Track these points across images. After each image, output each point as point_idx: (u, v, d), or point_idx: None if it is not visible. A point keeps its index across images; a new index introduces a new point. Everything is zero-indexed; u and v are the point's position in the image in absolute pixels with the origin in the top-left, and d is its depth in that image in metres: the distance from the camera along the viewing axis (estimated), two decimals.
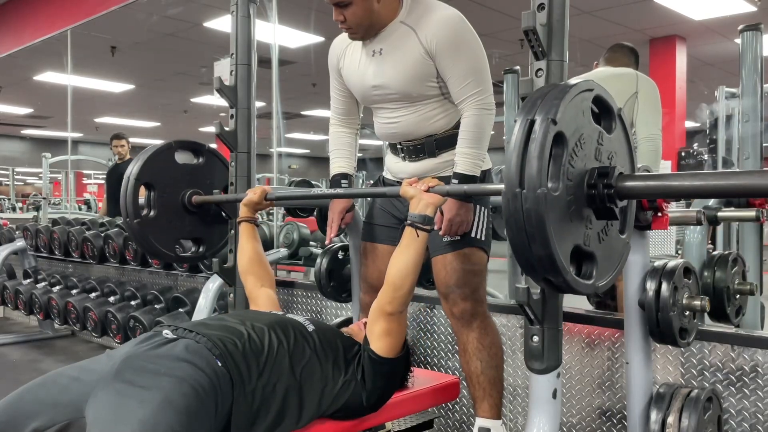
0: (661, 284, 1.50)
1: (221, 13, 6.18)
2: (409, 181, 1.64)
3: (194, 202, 2.27)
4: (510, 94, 3.96)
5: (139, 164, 2.20)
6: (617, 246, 1.26)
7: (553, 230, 1.06)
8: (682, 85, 7.74)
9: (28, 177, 21.98)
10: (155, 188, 2.22)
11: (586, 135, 1.16)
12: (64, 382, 1.34)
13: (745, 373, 1.84)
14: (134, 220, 2.18)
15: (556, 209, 1.06)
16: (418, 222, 1.57)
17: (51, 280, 4.20)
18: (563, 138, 1.09)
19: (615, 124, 1.25)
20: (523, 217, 1.05)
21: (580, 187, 1.14)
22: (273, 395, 1.41)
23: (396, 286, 1.57)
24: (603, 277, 1.20)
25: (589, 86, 1.18)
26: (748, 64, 2.82)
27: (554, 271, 1.09)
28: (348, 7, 1.80)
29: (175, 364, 1.32)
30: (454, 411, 2.45)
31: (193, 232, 2.35)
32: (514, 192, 1.06)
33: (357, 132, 2.14)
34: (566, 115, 1.09)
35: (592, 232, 1.18)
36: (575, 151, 1.12)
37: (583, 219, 1.16)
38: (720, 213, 2.35)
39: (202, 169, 2.36)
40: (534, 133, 1.06)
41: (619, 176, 1.16)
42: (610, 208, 1.16)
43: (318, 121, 12.44)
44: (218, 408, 1.31)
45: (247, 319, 1.55)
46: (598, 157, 1.19)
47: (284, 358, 1.46)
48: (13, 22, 7.08)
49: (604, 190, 1.15)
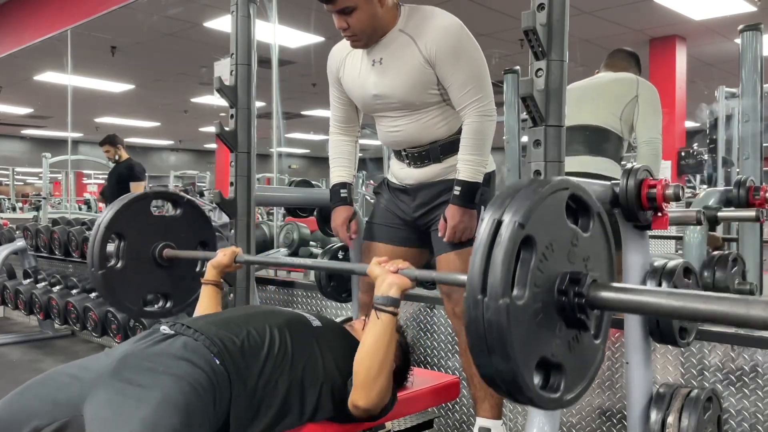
0: (661, 284, 1.50)
1: (221, 13, 6.18)
2: (379, 260, 1.54)
3: (165, 256, 2.17)
4: (510, 94, 3.96)
5: (111, 213, 2.11)
6: (590, 354, 1.13)
7: (516, 343, 0.96)
8: (682, 85, 7.74)
9: (28, 177, 21.98)
10: (125, 238, 2.13)
11: (559, 237, 1.07)
12: (63, 380, 1.34)
13: (745, 373, 1.84)
14: (99, 270, 2.08)
15: (520, 320, 0.98)
16: (380, 303, 1.45)
17: (51, 280, 4.20)
18: (532, 241, 1.00)
19: (593, 222, 1.14)
20: (484, 327, 0.97)
21: (549, 292, 1.04)
22: (274, 392, 1.41)
23: (356, 372, 1.47)
24: (572, 390, 1.08)
25: (564, 184, 1.08)
26: (748, 64, 2.82)
27: (516, 388, 1.00)
28: (352, 13, 1.79)
29: (174, 363, 1.32)
30: (454, 411, 2.45)
31: (161, 287, 2.22)
32: (476, 299, 0.97)
33: (357, 139, 2.14)
34: (537, 216, 1.00)
35: (561, 341, 1.07)
36: (545, 255, 1.03)
37: (552, 327, 1.05)
38: (720, 213, 2.35)
39: (178, 221, 2.26)
40: (500, 236, 0.98)
41: (592, 284, 1.05)
42: (581, 318, 1.06)
43: (318, 121, 12.44)
44: (216, 405, 1.31)
45: (249, 316, 1.55)
46: (572, 260, 1.09)
47: (286, 355, 1.46)
48: (13, 22, 7.08)
49: (575, 299, 1.04)
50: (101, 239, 2.08)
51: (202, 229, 2.32)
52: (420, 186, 1.99)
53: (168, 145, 18.31)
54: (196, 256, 2.21)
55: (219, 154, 12.46)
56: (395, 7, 1.87)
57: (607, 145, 2.55)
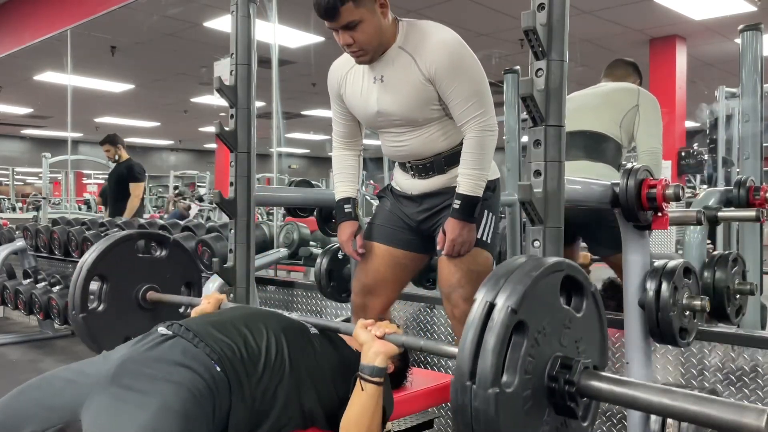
0: (661, 284, 1.50)
1: (221, 13, 6.18)
2: (365, 323, 1.49)
3: (148, 299, 2.13)
4: (510, 94, 3.95)
5: (94, 255, 2.06)
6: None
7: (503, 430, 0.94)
8: (682, 85, 7.74)
9: (28, 177, 21.98)
10: (108, 281, 2.09)
11: (552, 319, 1.04)
12: (59, 384, 1.33)
13: (745, 373, 1.84)
14: (80, 314, 2.03)
15: (509, 408, 0.95)
16: (365, 374, 1.41)
17: (51, 280, 4.20)
18: (524, 327, 0.98)
19: (586, 302, 1.12)
20: (471, 415, 0.94)
21: (539, 378, 1.02)
22: (273, 400, 1.39)
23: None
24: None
25: (559, 266, 1.06)
26: (748, 64, 2.82)
27: None
28: (357, 27, 1.76)
29: (173, 369, 1.30)
30: None
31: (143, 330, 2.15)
32: (464, 385, 0.94)
33: (360, 153, 2.14)
34: (530, 300, 0.99)
35: (549, 428, 1.05)
36: (537, 340, 1.01)
37: (540, 414, 1.03)
38: (720, 213, 2.35)
39: (164, 262, 2.22)
40: (492, 321, 0.96)
41: (583, 372, 1.02)
42: (570, 406, 1.03)
43: (318, 121, 12.44)
44: (216, 413, 1.30)
45: (247, 321, 1.52)
46: (564, 343, 1.06)
47: (283, 363, 1.44)
48: (13, 22, 7.08)
49: (565, 386, 1.02)
50: (83, 282, 2.02)
51: (188, 270, 2.28)
52: (425, 195, 2.00)
53: (168, 145, 18.32)
54: (180, 301, 2.15)
55: (219, 154, 12.45)
56: (395, 23, 1.86)
57: (606, 151, 2.56)
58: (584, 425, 1.10)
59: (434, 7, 5.91)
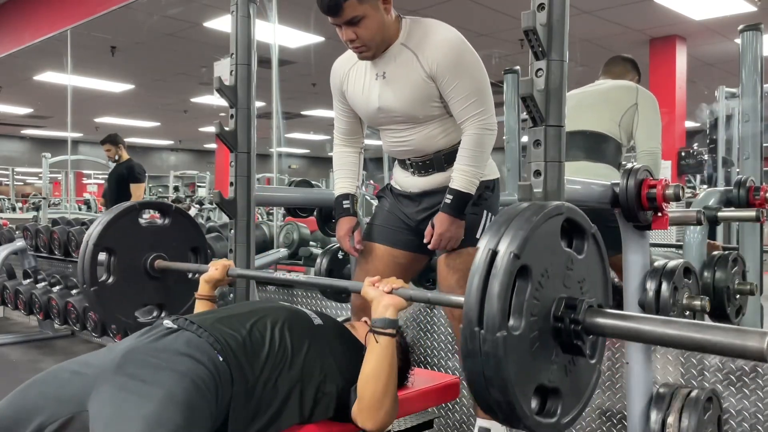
0: (661, 284, 1.50)
1: (221, 13, 6.18)
2: (372, 280, 1.51)
3: (157, 267, 2.14)
4: (510, 94, 3.96)
5: (99, 229, 2.06)
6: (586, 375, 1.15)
7: (513, 374, 0.98)
8: (682, 85, 7.74)
9: (28, 177, 21.99)
10: (115, 253, 2.09)
11: (554, 262, 1.07)
12: (65, 376, 1.34)
13: (745, 373, 1.84)
14: (91, 287, 2.04)
15: (517, 350, 0.98)
16: (378, 326, 1.44)
17: (51, 280, 4.20)
18: (528, 271, 1.01)
19: (587, 244, 1.14)
20: (481, 360, 0.97)
21: (545, 320, 1.05)
22: (274, 391, 1.41)
23: (358, 395, 1.46)
24: (569, 413, 1.10)
25: (559, 210, 1.08)
26: (748, 64, 2.82)
27: (512, 416, 1.01)
28: (360, 23, 1.76)
29: (177, 358, 1.32)
30: (454, 411, 2.45)
31: (154, 298, 2.19)
32: (473, 331, 0.97)
33: (361, 151, 2.15)
34: (532, 245, 1.01)
35: (557, 367, 1.08)
36: (541, 282, 1.03)
37: (548, 354, 1.07)
38: (720, 213, 2.35)
39: (167, 230, 2.22)
40: (495, 268, 0.98)
41: (588, 310, 1.06)
42: (577, 344, 1.06)
43: (318, 121, 12.45)
44: (218, 402, 1.31)
45: (251, 312, 1.54)
46: (567, 284, 1.09)
47: (285, 353, 1.46)
48: (13, 22, 7.08)
49: (571, 326, 1.05)
50: (90, 255, 2.04)
51: (192, 236, 2.29)
52: (424, 193, 2.00)
53: (168, 145, 18.32)
54: (188, 268, 2.17)
55: (219, 154, 12.46)
56: (397, 20, 1.87)
57: (606, 151, 2.56)
58: (592, 362, 1.14)
59: (434, 7, 5.91)
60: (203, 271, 1.90)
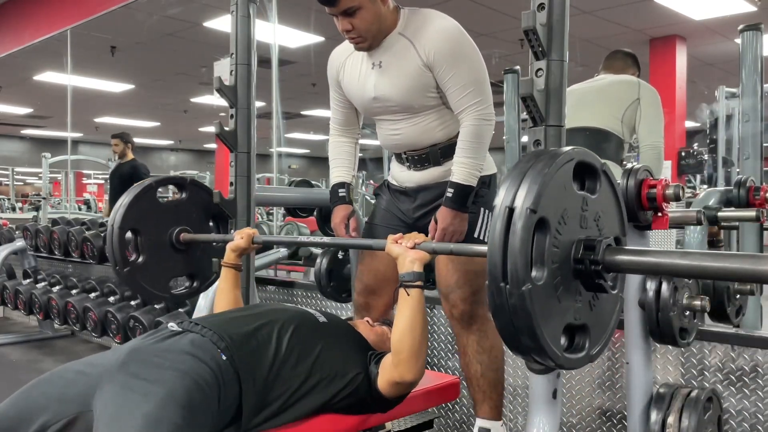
0: (661, 284, 1.50)
1: (221, 13, 6.18)
2: (394, 237, 1.56)
3: (182, 240, 2.19)
4: (510, 94, 3.96)
5: (121, 211, 2.12)
6: (609, 306, 1.20)
7: (541, 319, 1.02)
8: (682, 85, 7.74)
9: (28, 177, 21.98)
10: (141, 233, 2.14)
11: (570, 208, 1.10)
12: (69, 376, 1.35)
13: (745, 373, 1.84)
14: (124, 268, 2.11)
15: (542, 298, 1.03)
16: (407, 280, 1.50)
17: (51, 280, 4.20)
18: (545, 222, 1.04)
19: (599, 182, 1.18)
20: (509, 312, 1.02)
21: (566, 263, 1.09)
22: (283, 387, 1.42)
23: (396, 350, 1.51)
24: (597, 344, 1.16)
25: (570, 156, 1.11)
26: (748, 64, 2.82)
27: (544, 357, 1.06)
28: (356, 13, 1.77)
29: (179, 357, 1.33)
30: (454, 411, 2.45)
31: (185, 269, 2.27)
32: (498, 287, 1.02)
33: (357, 141, 2.14)
34: (547, 197, 1.04)
35: (582, 304, 1.13)
36: (558, 230, 1.07)
37: (572, 294, 1.11)
38: (720, 213, 2.35)
39: (186, 203, 2.27)
40: (514, 225, 1.02)
41: (606, 249, 1.09)
42: (599, 283, 1.11)
43: (318, 121, 12.44)
44: (221, 401, 1.32)
45: (257, 313, 1.56)
46: (584, 225, 1.13)
47: (293, 350, 1.47)
48: (13, 22, 7.08)
49: (591, 266, 1.09)
50: (118, 238, 2.10)
51: (211, 205, 2.35)
52: (420, 188, 1.99)
53: (168, 145, 18.31)
54: (213, 239, 2.24)
55: (219, 154, 12.45)
56: (396, 10, 1.87)
57: (608, 147, 2.55)
58: (614, 292, 1.20)
59: (434, 8, 5.90)
60: (228, 240, 1.95)
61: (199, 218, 2.29)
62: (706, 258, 1.02)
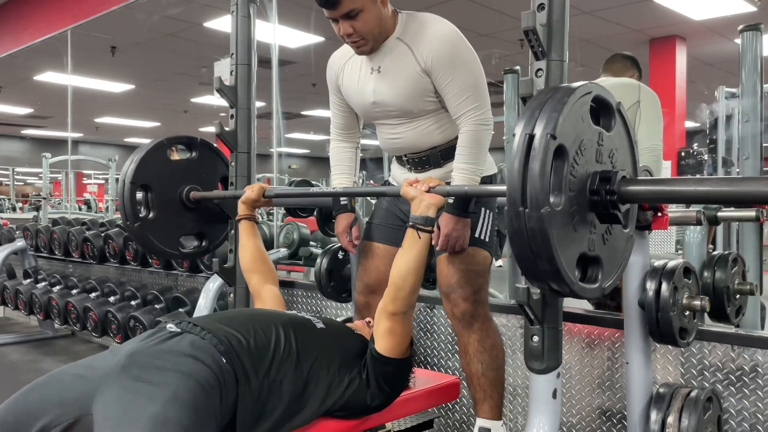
0: (661, 284, 1.50)
1: (221, 13, 6.18)
2: (410, 181, 1.63)
3: (192, 198, 2.26)
4: (510, 94, 3.94)
5: (132, 167, 2.17)
6: (621, 243, 1.26)
7: (558, 244, 1.06)
8: (682, 85, 7.74)
9: (28, 177, 21.98)
10: (152, 189, 2.20)
11: (587, 140, 1.15)
12: (68, 379, 1.34)
13: (745, 373, 1.84)
14: (134, 223, 2.16)
15: (560, 224, 1.07)
16: (419, 223, 1.57)
17: (51, 280, 4.20)
18: (564, 150, 1.08)
19: (614, 120, 1.24)
20: (527, 235, 1.06)
21: (582, 193, 1.14)
22: (279, 393, 1.42)
23: (397, 286, 1.56)
24: (608, 278, 1.21)
25: (587, 89, 1.17)
26: (748, 64, 2.82)
27: (560, 283, 1.11)
28: (358, 16, 1.76)
29: (181, 360, 1.32)
30: (454, 411, 2.45)
31: (194, 228, 2.34)
32: (518, 211, 1.06)
33: (358, 145, 2.14)
34: (566, 126, 1.08)
35: (596, 236, 1.18)
36: (576, 159, 1.12)
37: (587, 224, 1.16)
38: (720, 213, 2.35)
39: (196, 163, 2.33)
40: (534, 150, 1.06)
41: (621, 180, 1.15)
42: (614, 213, 1.16)
43: (318, 121, 12.44)
44: (223, 403, 1.32)
45: (254, 317, 1.55)
46: (599, 159, 1.18)
47: (291, 356, 1.46)
48: (13, 22, 7.08)
49: (607, 197, 1.14)
50: (129, 193, 2.15)
51: (221, 166, 2.40)
52: None
53: None
54: (223, 195, 2.28)
55: None
56: (394, 15, 1.87)
57: None
58: (626, 231, 1.27)
59: (434, 8, 5.90)
60: (238, 195, 2.00)
61: (208, 178, 2.35)
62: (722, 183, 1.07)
